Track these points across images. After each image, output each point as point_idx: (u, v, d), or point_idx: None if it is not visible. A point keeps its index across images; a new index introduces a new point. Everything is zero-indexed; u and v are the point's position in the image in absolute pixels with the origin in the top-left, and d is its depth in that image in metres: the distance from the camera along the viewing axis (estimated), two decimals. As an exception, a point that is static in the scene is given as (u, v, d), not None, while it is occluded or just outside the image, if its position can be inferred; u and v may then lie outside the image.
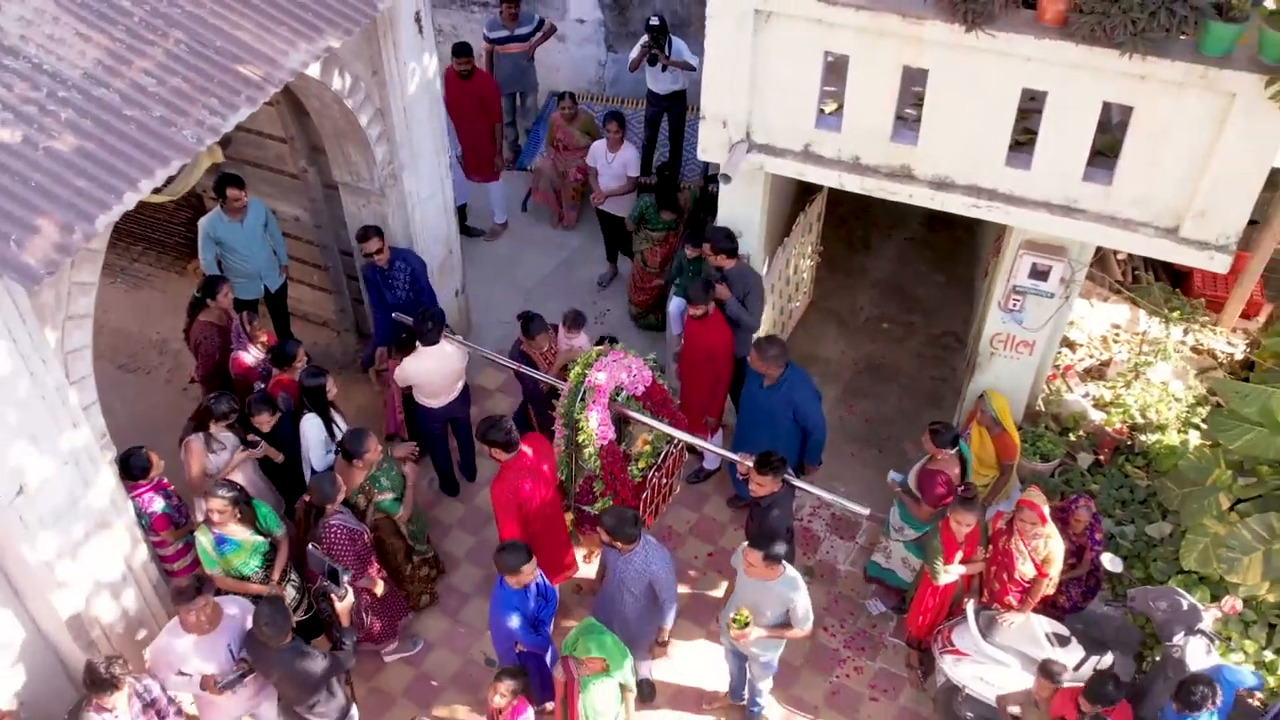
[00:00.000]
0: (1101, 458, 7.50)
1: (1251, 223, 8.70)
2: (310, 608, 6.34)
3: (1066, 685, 5.57)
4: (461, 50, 8.92)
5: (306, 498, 6.08)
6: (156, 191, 4.64)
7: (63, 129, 4.28)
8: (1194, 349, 8.31)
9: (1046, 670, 5.59)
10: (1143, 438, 7.53)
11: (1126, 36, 5.05)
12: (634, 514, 5.71)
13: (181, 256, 9.41)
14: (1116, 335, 8.38)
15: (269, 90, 4.77)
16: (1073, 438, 7.56)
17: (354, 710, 6.07)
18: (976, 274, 9.05)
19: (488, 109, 9.18)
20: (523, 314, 7.13)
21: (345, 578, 5.64)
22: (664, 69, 9.11)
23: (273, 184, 7.89)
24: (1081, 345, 8.32)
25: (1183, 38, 5.14)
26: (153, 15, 4.76)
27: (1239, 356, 8.27)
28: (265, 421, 6.50)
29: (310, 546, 5.68)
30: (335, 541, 5.93)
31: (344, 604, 5.64)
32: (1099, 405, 7.80)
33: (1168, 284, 9.09)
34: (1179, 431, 7.45)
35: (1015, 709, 5.91)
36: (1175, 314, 8.14)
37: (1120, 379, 7.92)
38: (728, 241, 6.89)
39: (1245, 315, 8.69)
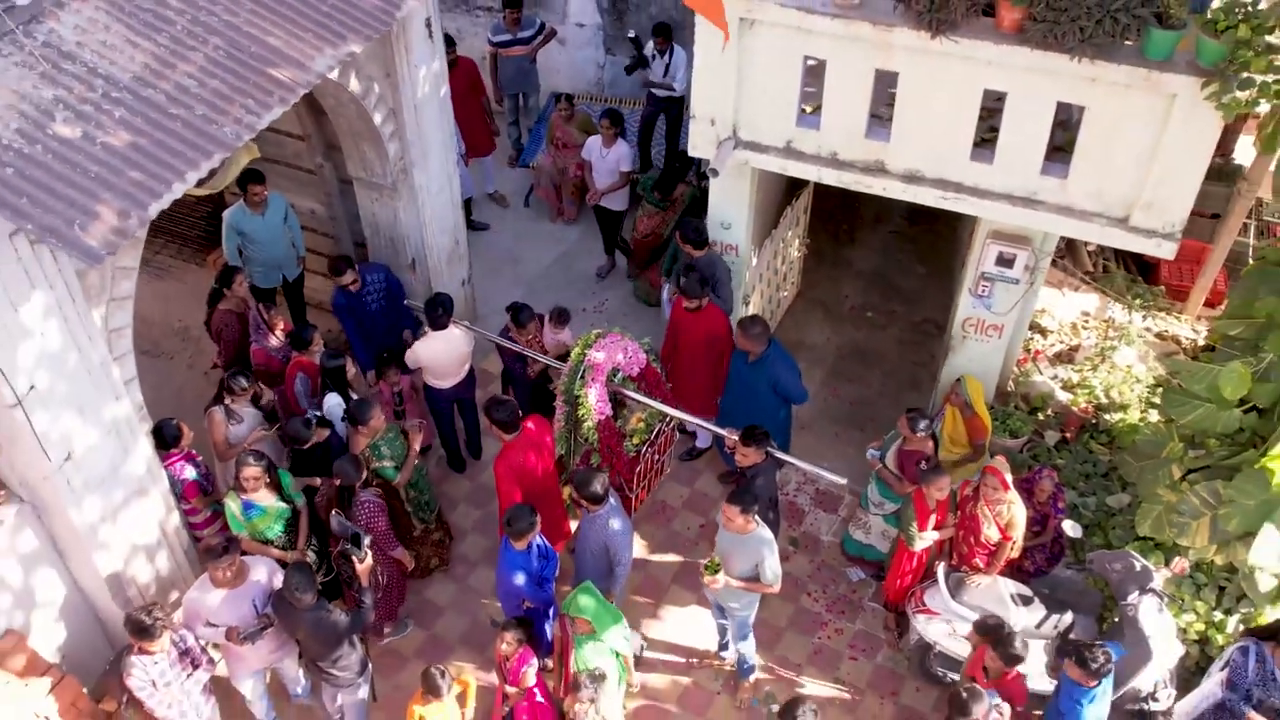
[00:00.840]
0: (1068, 435, 8.00)
1: (1214, 216, 9.27)
2: (330, 570, 6.84)
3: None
4: (445, 42, 9.54)
5: (335, 480, 6.54)
6: (200, 184, 5.13)
7: (116, 126, 4.79)
8: (1159, 335, 8.82)
9: (980, 626, 6.06)
10: (1106, 416, 8.04)
11: (1076, 42, 5.56)
12: (603, 477, 6.16)
13: (201, 249, 9.91)
14: (1085, 322, 8.88)
15: (299, 92, 5.28)
16: (1041, 416, 8.07)
17: (369, 667, 6.56)
18: (955, 265, 9.53)
19: (475, 89, 9.86)
20: (512, 305, 7.62)
21: (365, 541, 6.14)
22: (664, 72, 9.64)
23: (291, 179, 8.38)
24: (1052, 331, 8.83)
25: (1127, 43, 5.64)
26: (193, 23, 5.26)
27: (1201, 342, 8.77)
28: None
29: (334, 513, 6.17)
30: (371, 515, 6.43)
31: (364, 565, 6.13)
32: (1067, 387, 8.30)
33: (1137, 275, 9.61)
34: (1140, 411, 7.96)
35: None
36: (1137, 301, 8.63)
37: (1087, 363, 8.43)
38: (695, 234, 7.45)
39: (1209, 304, 9.20)
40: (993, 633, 5.95)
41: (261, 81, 5.18)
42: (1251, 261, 8.91)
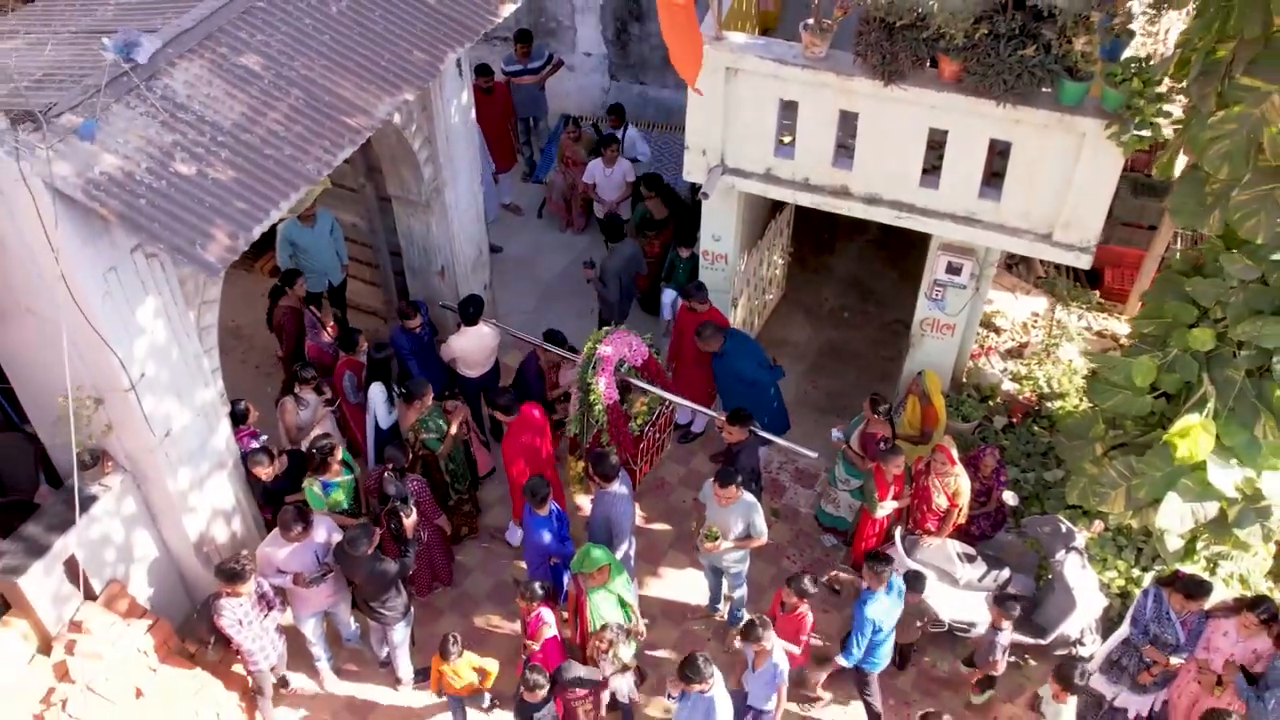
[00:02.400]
0: (1014, 420, 9.18)
1: (1151, 228, 10.44)
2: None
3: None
4: (483, 71, 10.75)
5: (387, 464, 7.69)
6: (285, 208, 6.30)
7: (223, 165, 5.96)
8: (1099, 333, 9.99)
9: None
10: (1048, 404, 9.22)
11: (1002, 91, 6.75)
12: (612, 457, 7.35)
13: (249, 257, 11.07)
14: (1034, 322, 10.07)
15: (365, 134, 6.45)
16: (990, 404, 9.24)
17: (411, 610, 7.73)
18: (921, 272, 10.70)
19: (506, 113, 11.15)
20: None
21: (411, 502, 7.32)
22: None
23: (336, 197, 9.55)
24: (1005, 330, 10.01)
25: (1045, 91, 6.82)
26: (278, 78, 6.44)
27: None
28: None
29: (386, 475, 7.35)
30: (419, 492, 7.63)
31: (409, 521, 7.30)
32: (1015, 378, 9.49)
33: (1084, 281, 10.78)
34: (1077, 399, 9.14)
35: None
36: (1075, 303, 9.82)
37: (1034, 358, 9.61)
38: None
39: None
40: (794, 582, 7.07)
41: (335, 126, 6.36)
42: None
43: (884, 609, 7.03)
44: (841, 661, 7.28)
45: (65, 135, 5.70)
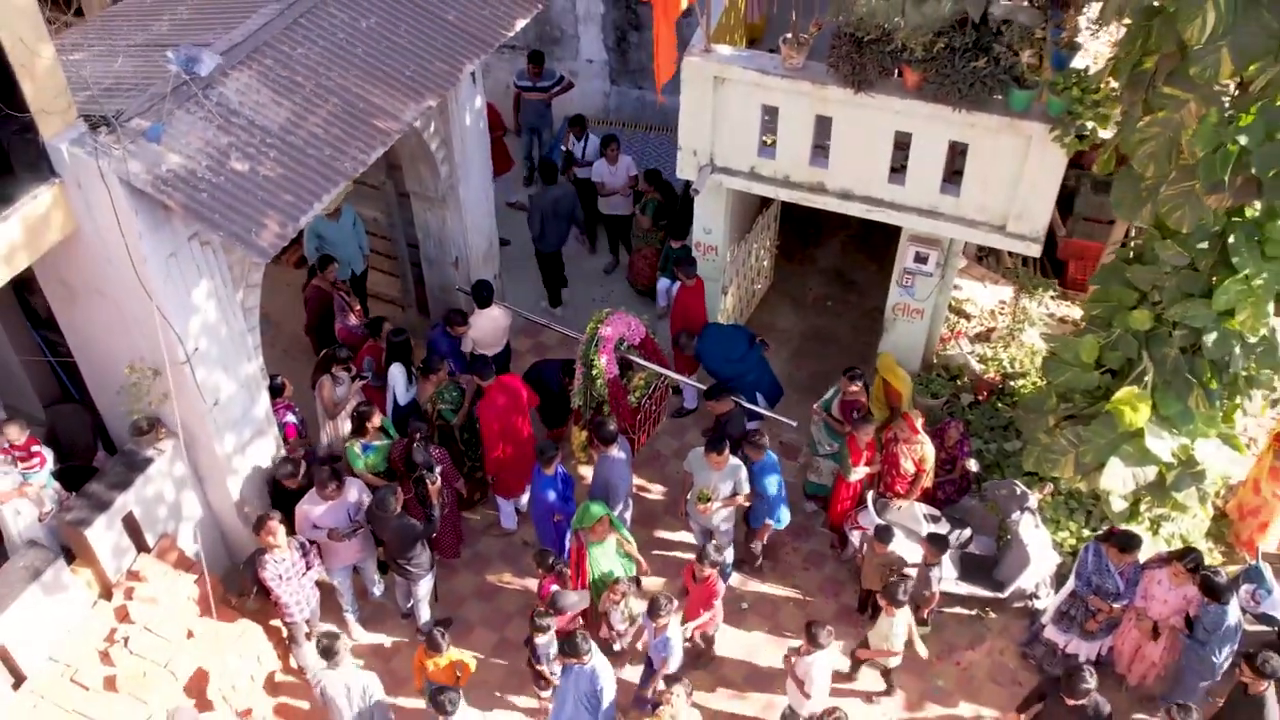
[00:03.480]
0: (980, 397, 10.03)
1: (1110, 222, 11.29)
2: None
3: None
4: None
5: (413, 433, 8.53)
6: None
7: (272, 163, 6.81)
8: (1060, 319, 10.84)
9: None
10: (1011, 383, 10.08)
11: (958, 98, 7.60)
12: (611, 424, 8.21)
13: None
14: (1001, 309, 10.92)
15: (394, 137, 7.31)
16: (959, 382, 10.10)
17: (435, 566, 8.56)
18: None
19: (495, 125, 11.80)
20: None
21: (437, 470, 8.17)
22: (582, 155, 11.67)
23: (359, 192, 10.39)
24: (974, 316, 10.87)
25: (997, 99, 7.67)
26: (318, 87, 7.30)
27: (1091, 325, 10.80)
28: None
29: (415, 443, 8.21)
30: (441, 459, 8.48)
31: (435, 486, 8.15)
32: (982, 359, 10.34)
33: (1051, 272, 11.63)
34: (1037, 378, 9.98)
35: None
36: (1037, 291, 10.67)
37: (1000, 341, 10.46)
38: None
39: (1105, 294, 11.21)
40: (703, 555, 7.83)
41: (368, 129, 7.22)
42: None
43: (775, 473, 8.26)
44: (772, 524, 8.56)
45: (136, 137, 6.56)
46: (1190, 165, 7.01)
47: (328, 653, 7.11)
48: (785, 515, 8.67)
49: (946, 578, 8.75)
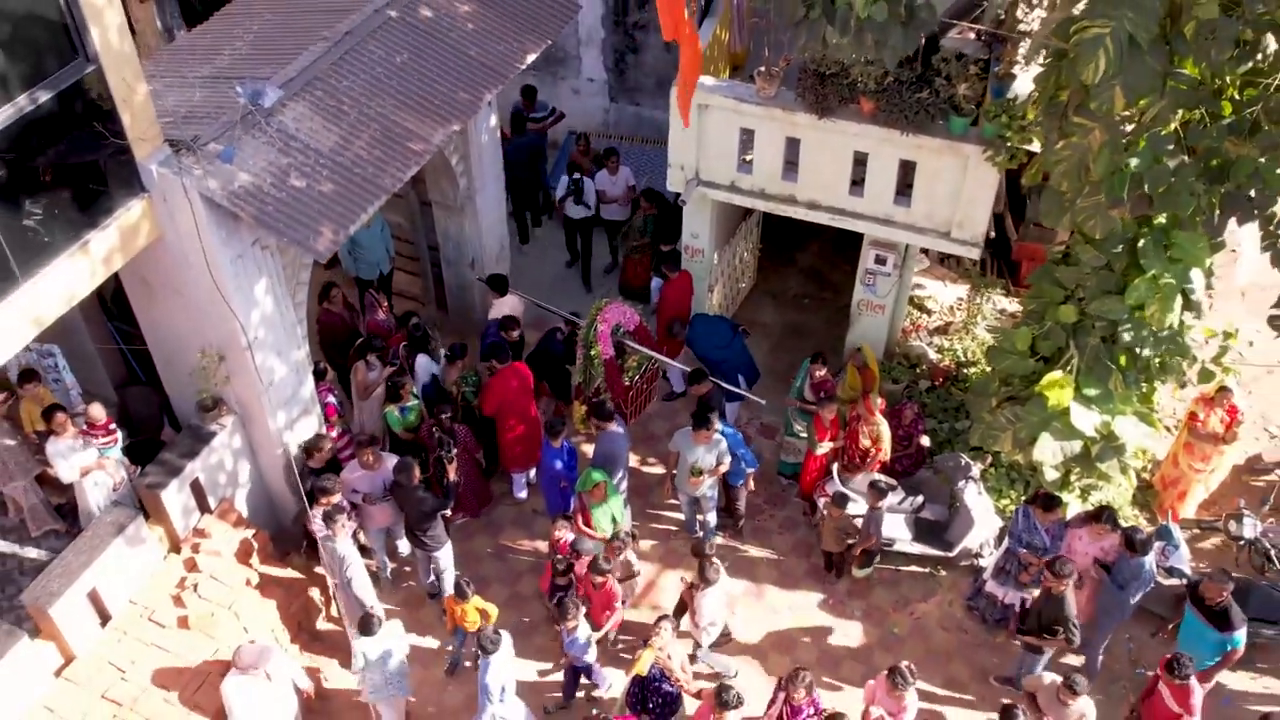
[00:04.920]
0: (936, 383, 11.33)
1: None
2: (425, 471, 10.16)
3: None
4: None
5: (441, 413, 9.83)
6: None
7: (325, 180, 8.11)
8: (1012, 315, 12.13)
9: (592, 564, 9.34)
10: (965, 370, 11.37)
11: (905, 124, 8.89)
12: (608, 404, 9.50)
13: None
14: (959, 305, 12.22)
15: (426, 157, 8.61)
16: (917, 370, 11.39)
17: (449, 540, 9.79)
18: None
19: None
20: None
21: (454, 451, 9.44)
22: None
23: (387, 201, 11.56)
24: (935, 311, 12.17)
25: (939, 124, 8.97)
26: (360, 115, 8.60)
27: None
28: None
29: (433, 429, 9.50)
30: (465, 435, 9.78)
31: (452, 465, 9.43)
32: (940, 350, 11.63)
33: (1007, 273, 12.91)
34: (985, 365, 11.26)
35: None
36: (990, 290, 11.98)
37: (956, 334, 11.76)
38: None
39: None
40: (594, 565, 8.66)
41: (403, 150, 8.52)
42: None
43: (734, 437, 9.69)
44: (749, 470, 9.89)
45: (212, 159, 7.85)
46: (1096, 182, 8.29)
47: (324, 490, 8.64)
48: (753, 460, 10.04)
49: (903, 539, 10.06)
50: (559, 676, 9.39)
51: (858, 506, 9.70)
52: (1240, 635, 8.30)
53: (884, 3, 6.22)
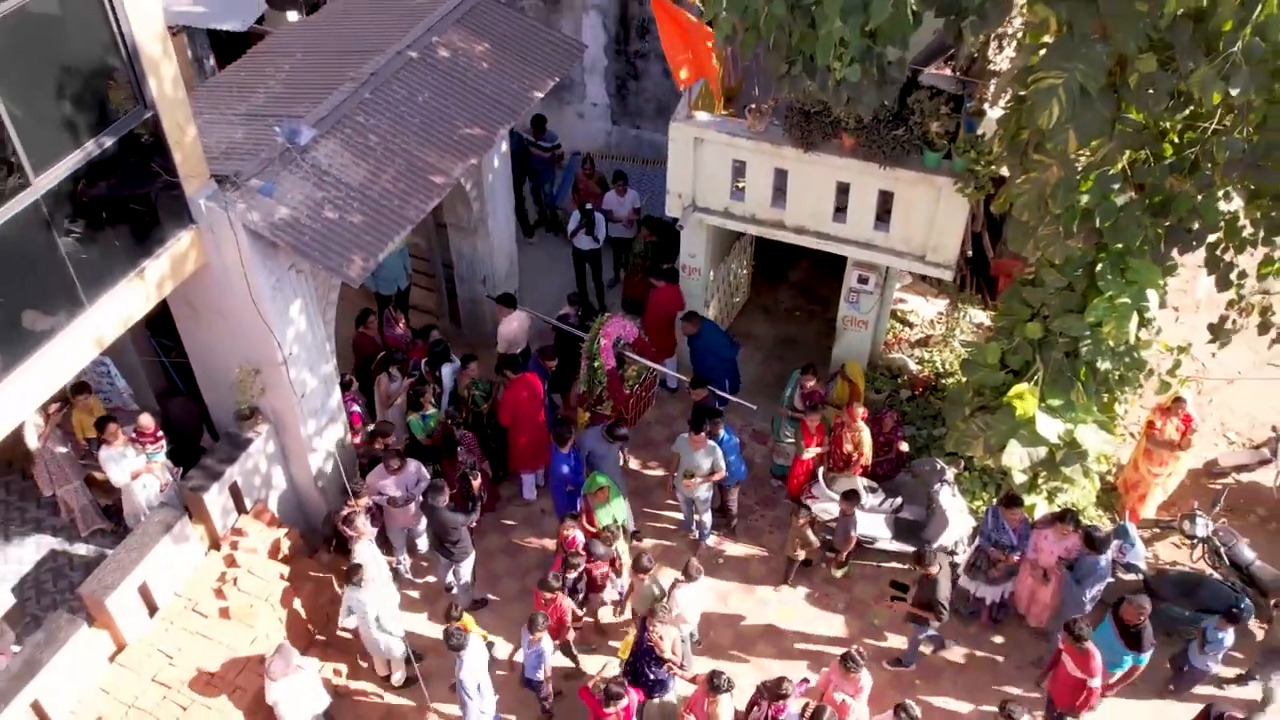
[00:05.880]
0: (916, 392, 12.16)
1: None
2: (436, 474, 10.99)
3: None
4: None
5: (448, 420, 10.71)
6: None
7: (355, 212, 8.96)
8: (989, 328, 12.96)
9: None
10: (943, 381, 12.21)
11: (883, 158, 9.73)
12: (623, 428, 10.37)
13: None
14: (940, 319, 13.05)
15: (446, 190, 9.45)
16: (899, 380, 12.23)
17: (474, 554, 10.59)
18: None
19: None
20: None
21: (478, 470, 10.29)
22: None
23: (404, 223, 12.53)
24: (917, 325, 13.00)
25: (914, 157, 9.81)
26: (386, 150, 9.45)
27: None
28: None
29: (461, 452, 10.38)
30: (470, 441, 10.62)
31: (476, 482, 10.27)
32: (920, 362, 12.47)
33: (986, 289, 13.72)
34: (961, 376, 12.10)
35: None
36: (967, 305, 12.82)
37: (935, 347, 12.60)
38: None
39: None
40: (543, 583, 9.30)
41: (426, 184, 9.37)
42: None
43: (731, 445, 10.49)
44: (737, 475, 10.66)
45: (253, 193, 8.70)
46: (1055, 214, 9.13)
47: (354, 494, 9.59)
48: (743, 470, 10.88)
49: (883, 537, 10.89)
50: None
51: (830, 510, 10.54)
52: (1145, 657, 9.01)
53: (858, 65, 7.03)
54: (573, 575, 9.61)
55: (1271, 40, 6.43)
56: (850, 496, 10.18)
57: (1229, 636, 9.35)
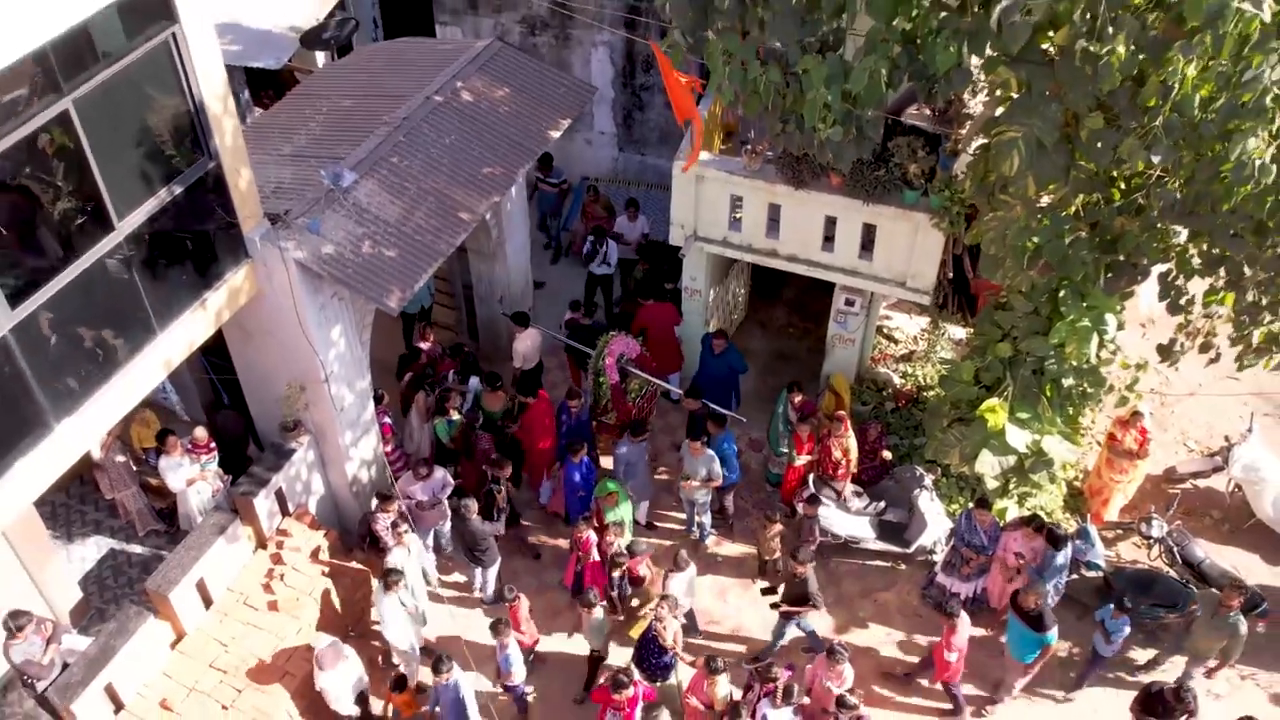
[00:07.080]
0: (900, 404, 13.21)
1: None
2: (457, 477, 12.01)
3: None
4: None
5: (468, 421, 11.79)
6: (425, 271, 10.36)
7: (392, 247, 10.01)
8: (965, 343, 14.00)
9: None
10: (924, 394, 13.26)
11: (866, 195, 10.78)
12: (644, 433, 11.43)
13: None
14: (923, 336, 14.09)
15: (473, 225, 10.50)
16: (884, 393, 13.28)
17: (499, 560, 11.64)
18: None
19: None
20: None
21: (503, 484, 11.32)
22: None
23: (428, 248, 13.58)
24: (901, 341, 14.05)
25: (895, 195, 10.85)
26: (419, 190, 10.49)
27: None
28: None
29: (488, 470, 11.44)
30: (488, 446, 11.67)
31: (501, 496, 11.30)
32: (904, 376, 13.52)
33: (966, 308, 14.76)
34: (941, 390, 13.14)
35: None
36: (945, 322, 13.87)
37: (918, 362, 13.64)
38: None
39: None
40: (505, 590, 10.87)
41: (454, 220, 10.41)
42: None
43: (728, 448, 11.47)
44: (732, 479, 11.60)
45: (301, 230, 9.74)
46: (1020, 250, 10.18)
47: (385, 498, 10.64)
48: (737, 473, 11.90)
49: (867, 538, 11.94)
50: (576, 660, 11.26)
51: (833, 515, 11.61)
52: (1052, 634, 9.95)
53: (839, 127, 8.08)
54: (617, 574, 10.66)
55: (1188, 115, 7.46)
56: (812, 501, 11.22)
57: (1126, 625, 10.27)
